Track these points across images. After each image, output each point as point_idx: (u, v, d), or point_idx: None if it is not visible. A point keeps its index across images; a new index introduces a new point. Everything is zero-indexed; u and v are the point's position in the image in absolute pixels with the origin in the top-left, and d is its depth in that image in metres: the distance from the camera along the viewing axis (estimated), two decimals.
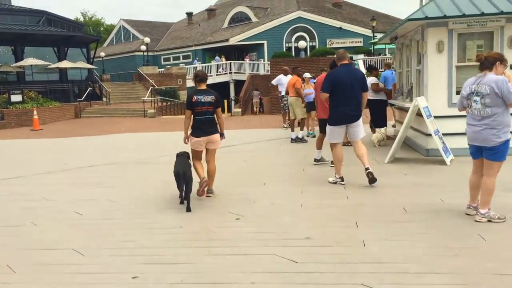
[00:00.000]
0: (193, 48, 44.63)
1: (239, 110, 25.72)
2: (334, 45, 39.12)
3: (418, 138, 9.24)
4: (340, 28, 40.14)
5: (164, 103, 28.29)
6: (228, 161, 9.14)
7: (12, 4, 36.46)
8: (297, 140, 11.25)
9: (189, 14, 53.99)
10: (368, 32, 40.30)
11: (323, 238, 4.40)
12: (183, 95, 34.66)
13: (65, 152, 11.79)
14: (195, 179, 5.94)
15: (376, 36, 39.75)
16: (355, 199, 5.80)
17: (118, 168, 8.90)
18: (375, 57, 34.40)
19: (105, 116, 26.22)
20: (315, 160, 8.36)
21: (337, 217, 5.04)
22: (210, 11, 52.13)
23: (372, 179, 6.38)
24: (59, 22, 35.06)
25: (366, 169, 6.47)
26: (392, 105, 11.27)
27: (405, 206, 5.30)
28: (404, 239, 4.27)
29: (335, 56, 7.23)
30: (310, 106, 11.70)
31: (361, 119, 6.83)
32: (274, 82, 14.56)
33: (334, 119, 6.72)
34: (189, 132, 6.17)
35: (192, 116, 6.09)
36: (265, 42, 40.55)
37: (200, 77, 6.18)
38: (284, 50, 39.94)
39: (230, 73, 38.98)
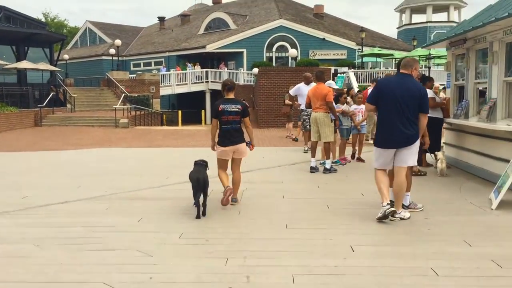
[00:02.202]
0: (167, 54, 41.75)
1: None
2: (317, 57, 37.24)
3: None
4: (324, 39, 38.29)
5: (138, 112, 25.33)
6: (260, 197, 6.58)
7: None
8: (315, 170, 8.73)
9: (161, 19, 51.12)
10: (352, 45, 38.66)
11: None
12: (156, 104, 31.79)
13: (24, 175, 8.88)
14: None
15: (360, 49, 38.22)
16: None
17: (104, 207, 6.13)
18: (366, 70, 32.56)
19: (70, 125, 23.05)
20: (404, 206, 5.77)
21: None
22: (184, 17, 49.43)
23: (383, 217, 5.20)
24: (18, 19, 31.48)
25: (393, 211, 5.20)
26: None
27: None
28: None
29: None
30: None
31: (415, 145, 5.32)
32: (292, 92, 11.81)
33: (378, 140, 5.53)
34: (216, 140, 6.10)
35: (218, 125, 6.02)
36: (244, 50, 38.19)
37: (229, 86, 6.05)
38: (265, 59, 37.75)
39: (206, 82, 36.38)
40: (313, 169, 8.73)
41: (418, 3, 48.63)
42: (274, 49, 38.27)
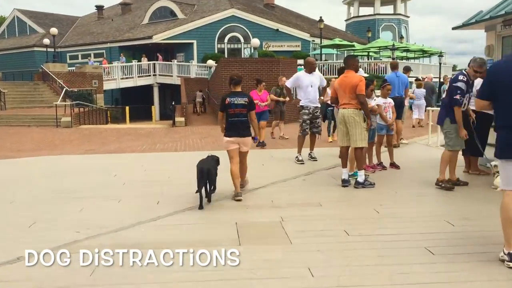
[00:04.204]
0: (108, 45, 38.39)
1: (183, 119, 20.61)
2: (271, 48, 35.49)
3: None
4: (277, 30, 36.51)
5: (81, 109, 22.30)
6: (314, 235, 4.48)
7: None
8: (348, 183, 6.76)
9: (99, 8, 47.25)
10: (307, 36, 37.16)
11: None
12: (100, 99, 28.62)
13: None
14: None
15: (314, 41, 36.81)
16: None
17: (86, 271, 3.73)
18: (328, 61, 31.08)
19: (1, 125, 19.74)
20: None
21: None
22: (125, 6, 45.95)
23: None
24: None
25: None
26: None
27: None
28: None
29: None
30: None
31: None
32: (289, 83, 9.46)
33: (499, 147, 3.82)
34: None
35: (224, 117, 6.09)
36: (194, 41, 35.73)
37: (235, 80, 6.09)
38: (216, 51, 35.49)
39: (154, 75, 33.53)
40: (345, 183, 6.74)
41: None
42: (226, 40, 36.10)
